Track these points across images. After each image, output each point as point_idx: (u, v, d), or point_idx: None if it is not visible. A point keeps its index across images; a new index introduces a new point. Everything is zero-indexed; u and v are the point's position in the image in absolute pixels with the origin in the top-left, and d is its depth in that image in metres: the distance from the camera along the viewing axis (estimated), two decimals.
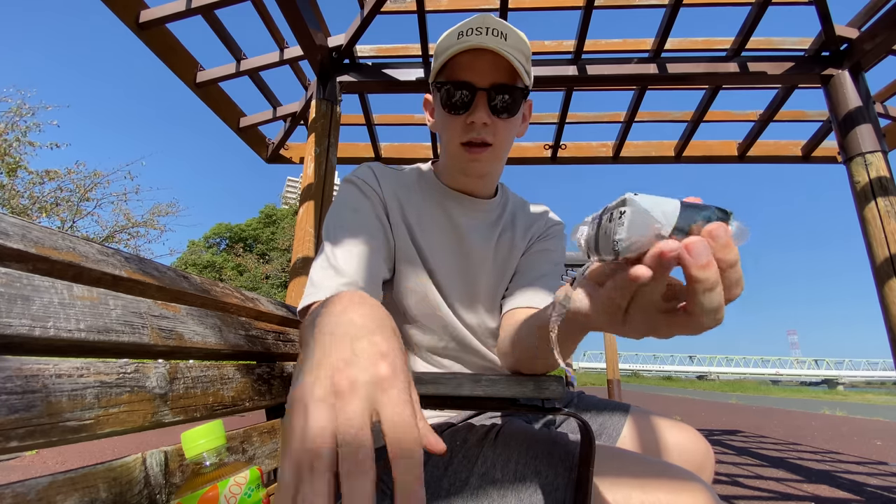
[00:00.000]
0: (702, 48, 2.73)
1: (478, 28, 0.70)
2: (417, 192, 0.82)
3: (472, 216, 0.84)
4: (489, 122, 0.73)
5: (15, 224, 0.36)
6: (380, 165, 0.83)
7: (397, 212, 0.78)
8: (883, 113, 3.10)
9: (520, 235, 0.88)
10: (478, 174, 0.80)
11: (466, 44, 0.69)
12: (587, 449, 0.55)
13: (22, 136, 9.50)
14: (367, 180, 0.79)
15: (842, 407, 10.63)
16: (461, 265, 0.82)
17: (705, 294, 0.31)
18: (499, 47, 0.69)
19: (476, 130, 0.74)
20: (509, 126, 0.76)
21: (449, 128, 0.76)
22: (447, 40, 0.73)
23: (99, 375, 0.37)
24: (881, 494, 2.64)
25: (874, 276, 2.34)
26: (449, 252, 0.81)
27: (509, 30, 0.71)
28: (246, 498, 0.38)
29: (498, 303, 0.85)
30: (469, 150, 0.75)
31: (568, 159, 3.68)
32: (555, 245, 0.90)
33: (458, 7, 2.64)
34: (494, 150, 0.76)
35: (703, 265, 0.30)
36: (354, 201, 0.76)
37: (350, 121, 3.44)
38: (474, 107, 0.72)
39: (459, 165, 0.79)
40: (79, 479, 0.34)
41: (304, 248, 2.47)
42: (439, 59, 0.73)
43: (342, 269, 0.66)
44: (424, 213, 0.81)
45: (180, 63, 2.64)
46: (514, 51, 0.71)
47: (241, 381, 0.59)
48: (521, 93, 0.74)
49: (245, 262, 29.19)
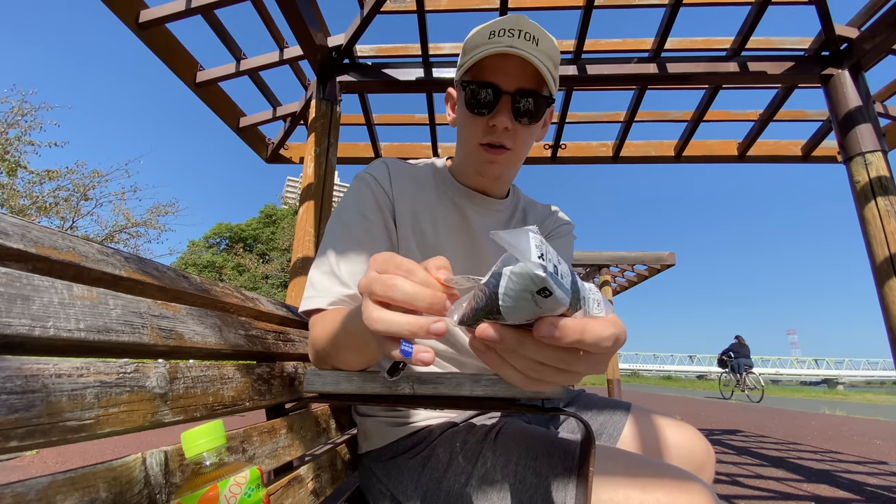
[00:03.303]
0: (702, 48, 2.73)
1: (510, 30, 0.69)
2: (432, 190, 0.82)
3: (485, 215, 0.84)
4: (511, 126, 0.72)
5: (15, 224, 0.36)
6: (395, 161, 0.83)
7: (408, 213, 0.78)
8: (883, 113, 3.10)
9: None
10: (493, 175, 0.79)
11: (497, 47, 0.68)
12: (587, 449, 0.55)
13: (23, 135, 9.50)
14: (379, 180, 0.78)
15: (842, 407, 10.63)
16: (471, 267, 0.81)
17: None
18: (529, 53, 0.68)
19: (497, 134, 0.73)
20: (530, 132, 0.76)
21: (470, 127, 0.75)
22: (478, 38, 0.71)
23: (99, 375, 0.37)
24: (881, 494, 2.64)
25: (874, 276, 2.34)
26: (461, 253, 0.81)
27: (542, 34, 0.70)
28: (246, 498, 0.38)
29: None
30: (487, 150, 0.75)
31: (568, 159, 3.68)
32: (565, 245, 0.90)
33: (458, 7, 2.64)
34: (512, 154, 0.76)
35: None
36: (363, 205, 0.75)
37: (350, 121, 3.44)
38: (497, 110, 0.72)
39: (476, 165, 0.79)
40: (79, 479, 0.34)
41: (304, 248, 2.47)
42: (468, 57, 0.72)
43: (345, 279, 0.67)
44: (438, 212, 0.80)
45: (180, 63, 2.64)
46: (544, 57, 0.70)
47: (241, 381, 0.59)
48: (545, 101, 0.73)
49: (245, 262, 29.17)
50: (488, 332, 0.32)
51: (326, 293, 0.67)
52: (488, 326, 0.32)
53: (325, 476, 0.74)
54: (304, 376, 0.72)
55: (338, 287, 0.67)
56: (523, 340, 0.32)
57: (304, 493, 0.64)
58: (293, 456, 0.67)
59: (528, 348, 0.32)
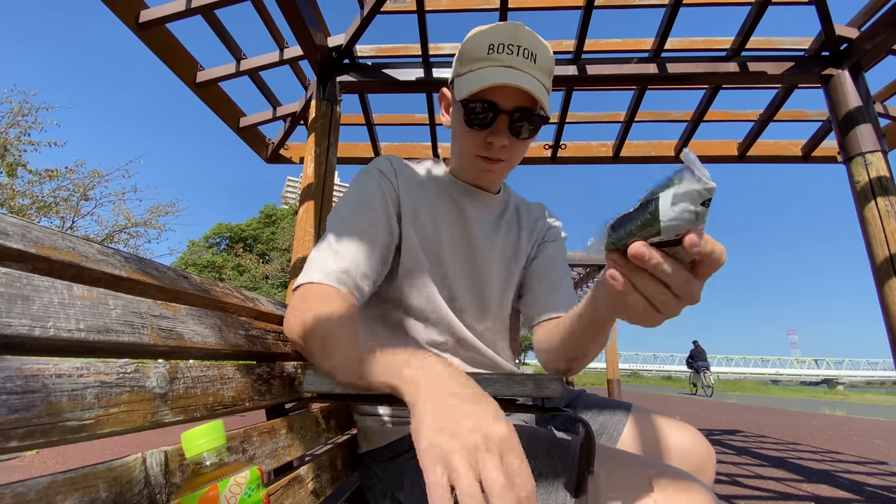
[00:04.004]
0: (702, 48, 2.73)
1: (509, 45, 0.70)
2: (432, 187, 0.84)
3: (481, 210, 0.87)
4: (508, 143, 0.74)
5: (15, 224, 0.36)
6: (398, 159, 0.85)
7: (410, 208, 0.79)
8: (883, 113, 3.10)
9: (525, 235, 0.91)
10: (488, 182, 0.85)
11: (495, 67, 0.70)
12: (588, 449, 0.55)
13: (23, 134, 9.50)
14: (385, 174, 0.80)
15: (842, 407, 10.63)
16: (469, 259, 0.83)
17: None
18: (527, 74, 0.70)
19: (494, 150, 0.75)
20: (526, 144, 0.79)
21: (466, 139, 0.78)
22: (475, 49, 0.73)
23: (99, 375, 0.37)
24: (881, 494, 2.64)
25: (874, 276, 2.33)
26: (459, 247, 0.83)
27: (539, 46, 0.72)
28: (246, 498, 0.38)
29: (504, 299, 0.87)
30: (485, 161, 0.78)
31: (568, 159, 3.68)
32: (560, 249, 0.93)
33: (458, 7, 2.64)
34: (507, 163, 0.79)
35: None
36: (369, 196, 0.76)
37: (350, 121, 3.44)
38: (495, 128, 0.74)
39: (472, 171, 0.83)
40: (79, 479, 0.33)
41: (303, 248, 2.47)
42: (465, 69, 0.74)
43: (342, 255, 0.67)
44: (437, 208, 0.82)
45: (180, 63, 2.64)
46: (541, 74, 0.72)
47: (241, 381, 0.59)
48: (541, 119, 0.74)
49: (245, 263, 29.17)
50: (642, 250, 0.37)
51: (318, 271, 0.66)
52: (642, 245, 0.37)
53: (325, 476, 0.74)
54: (304, 376, 0.72)
55: (332, 263, 0.66)
56: (664, 260, 0.37)
57: (304, 493, 0.64)
58: (293, 456, 0.67)
59: (666, 267, 0.37)
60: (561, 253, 0.93)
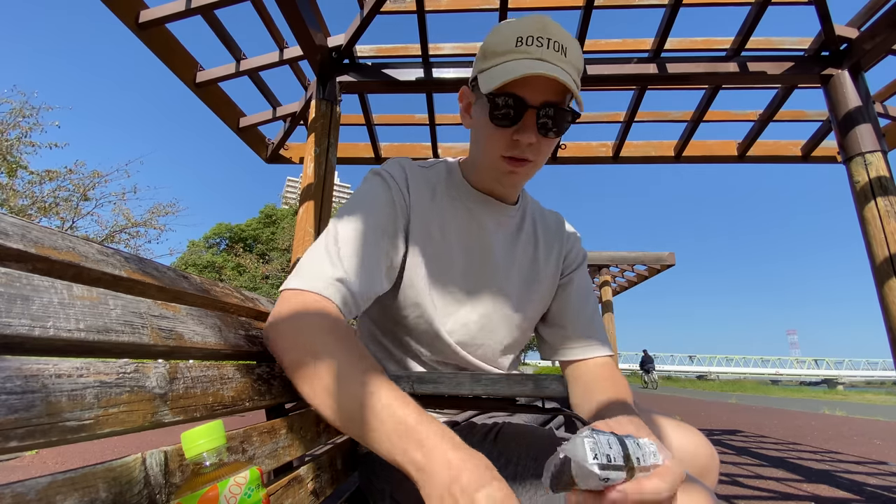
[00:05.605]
0: (702, 48, 2.73)
1: (538, 38, 0.66)
2: (443, 195, 0.80)
3: (499, 221, 0.82)
4: (535, 141, 0.70)
5: (15, 224, 0.36)
6: (410, 164, 0.80)
7: (420, 220, 0.76)
8: (883, 113, 3.10)
9: (543, 251, 0.87)
10: (512, 185, 0.79)
11: (527, 59, 0.66)
12: None
13: (24, 136, 9.50)
14: (399, 182, 0.76)
15: (842, 407, 10.63)
16: (483, 275, 0.80)
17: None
18: (559, 68, 0.66)
19: (520, 148, 0.71)
20: (553, 143, 0.73)
21: (492, 138, 0.72)
22: (502, 42, 0.68)
23: (99, 375, 0.37)
24: (881, 494, 2.64)
25: (874, 276, 2.34)
26: (473, 262, 0.79)
27: (568, 41, 0.68)
28: (246, 498, 0.38)
29: (519, 319, 0.83)
30: (509, 162, 0.73)
31: (568, 159, 3.69)
32: (586, 277, 0.91)
33: (458, 7, 2.64)
34: (533, 165, 0.75)
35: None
36: (376, 204, 0.73)
37: (350, 121, 3.44)
38: (523, 124, 0.69)
39: (494, 174, 0.77)
40: (79, 479, 0.33)
41: (303, 248, 2.47)
42: (492, 63, 0.69)
43: (339, 261, 0.63)
44: (448, 216, 0.78)
45: (180, 63, 2.64)
46: (572, 69, 0.68)
47: (241, 381, 0.59)
48: (571, 114, 0.70)
49: (245, 263, 29.14)
50: (581, 498, 0.40)
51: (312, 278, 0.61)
52: (581, 493, 0.40)
53: (325, 476, 0.74)
54: None
55: (330, 269, 0.62)
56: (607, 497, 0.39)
57: (304, 493, 0.64)
58: (293, 456, 0.67)
59: (615, 497, 0.39)
60: (587, 282, 0.90)
